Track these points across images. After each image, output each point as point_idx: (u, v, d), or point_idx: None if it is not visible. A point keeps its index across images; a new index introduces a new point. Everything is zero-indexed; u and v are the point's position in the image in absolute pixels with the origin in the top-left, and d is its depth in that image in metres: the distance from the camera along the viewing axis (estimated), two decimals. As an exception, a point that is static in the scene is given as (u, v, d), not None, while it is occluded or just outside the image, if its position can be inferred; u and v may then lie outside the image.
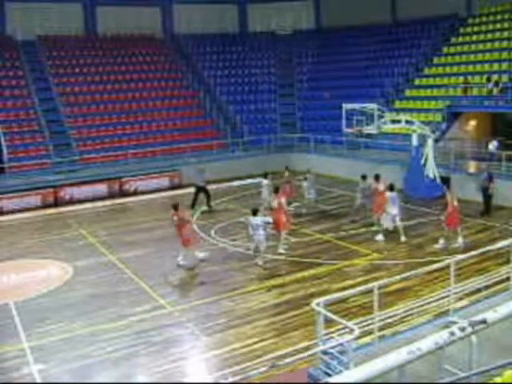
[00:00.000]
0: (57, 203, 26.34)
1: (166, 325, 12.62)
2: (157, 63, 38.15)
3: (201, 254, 16.67)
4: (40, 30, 37.03)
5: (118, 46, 38.04)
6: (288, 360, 7.80)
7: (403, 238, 17.92)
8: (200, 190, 24.15)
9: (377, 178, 19.51)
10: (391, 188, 18.30)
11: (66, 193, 26.95)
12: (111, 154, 30.25)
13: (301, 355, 8.18)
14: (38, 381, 10.45)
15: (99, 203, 26.36)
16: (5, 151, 28.75)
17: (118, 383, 10.27)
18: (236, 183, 28.90)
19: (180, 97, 36.03)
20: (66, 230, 21.66)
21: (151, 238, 19.86)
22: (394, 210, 18.09)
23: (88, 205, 26.11)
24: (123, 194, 27.81)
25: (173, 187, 28.80)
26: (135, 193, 28.05)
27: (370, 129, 24.45)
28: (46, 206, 26.06)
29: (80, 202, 26.47)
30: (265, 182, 22.05)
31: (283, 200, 17.82)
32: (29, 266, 17.58)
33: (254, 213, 16.11)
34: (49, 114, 32.21)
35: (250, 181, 28.43)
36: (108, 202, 26.54)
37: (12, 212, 24.93)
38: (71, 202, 26.58)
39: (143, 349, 11.51)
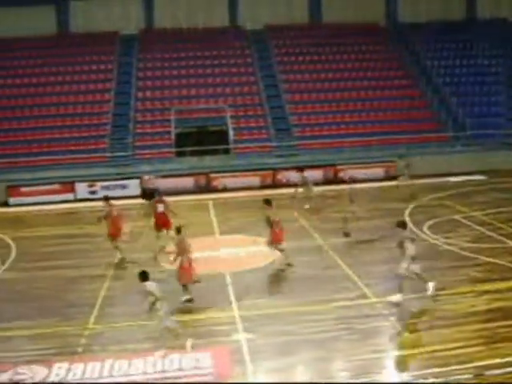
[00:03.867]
0: (274, 185, 27.69)
1: (369, 315, 12.63)
2: (379, 52, 37.63)
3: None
4: (268, 20, 38.85)
5: (340, 35, 38.29)
6: (496, 372, 7.33)
7: None
8: None
9: None
10: None
11: (284, 176, 28.19)
12: (328, 140, 30.85)
13: (510, 369, 7.62)
14: (245, 348, 11.19)
15: (315, 188, 26.97)
16: (231, 133, 30.97)
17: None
18: (453, 179, 27.55)
19: (400, 87, 35.27)
20: (280, 211, 22.59)
21: (361, 226, 19.84)
22: None
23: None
24: (338, 180, 28.22)
25: (387, 178, 28.47)
26: (348, 181, 28.22)
27: None
28: (264, 186, 27.56)
29: (297, 185, 27.40)
30: None
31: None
32: (243, 241, 18.82)
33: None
34: (272, 101, 33.86)
35: (467, 177, 26.95)
36: (323, 188, 27.09)
37: (234, 190, 26.79)
38: (287, 184, 27.70)
39: (344, 335, 11.68)
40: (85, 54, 35.89)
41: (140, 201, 23.45)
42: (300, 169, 24.50)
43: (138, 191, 27.25)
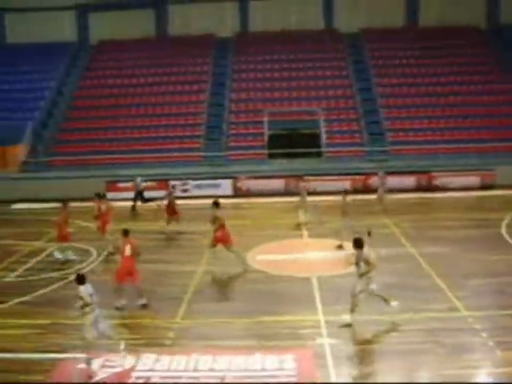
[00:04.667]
0: (366, 190, 27.31)
1: (458, 328, 12.18)
2: (478, 56, 36.08)
3: None
4: (363, 23, 38.35)
5: (437, 38, 37.04)
6: None
7: None
8: None
9: None
10: None
11: (375, 181, 27.71)
12: (422, 146, 30.08)
13: None
14: (328, 352, 11.11)
15: (407, 195, 26.47)
16: (323, 136, 30.87)
17: None
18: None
19: (500, 92, 33.57)
20: (370, 217, 22.33)
21: (454, 236, 19.24)
22: None
23: (395, 195, 26.41)
24: (431, 188, 27.46)
25: (484, 187, 27.36)
26: (443, 188, 27.44)
27: None
28: (355, 191, 27.22)
29: (388, 191, 26.87)
30: None
31: None
32: (332, 245, 18.68)
33: None
34: (366, 104, 33.44)
35: None
36: (415, 195, 26.50)
37: (324, 193, 26.65)
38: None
39: (431, 348, 11.31)
40: (182, 56, 37.07)
41: (232, 200, 23.87)
42: (300, 177, 23.91)
43: (229, 191, 27.77)
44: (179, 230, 21.17)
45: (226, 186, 28.19)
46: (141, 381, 10.36)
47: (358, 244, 12.53)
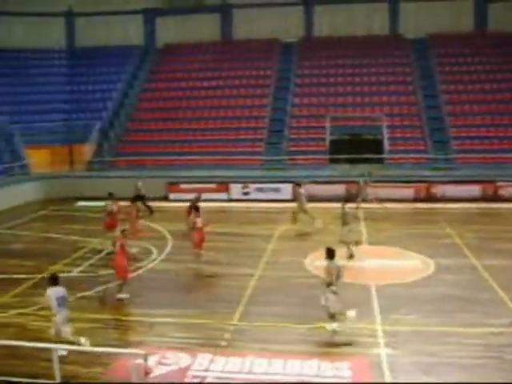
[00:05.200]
0: (428, 198, 26.77)
1: (523, 345, 11.74)
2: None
3: None
4: (430, 28, 37.56)
5: (506, 44, 35.73)
6: None
7: None
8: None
9: None
10: None
11: (439, 189, 27.16)
12: (488, 155, 29.20)
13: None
14: (385, 363, 10.92)
15: (471, 204, 25.80)
16: (386, 143, 30.42)
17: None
18: None
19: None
20: (432, 226, 21.87)
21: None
22: None
23: (459, 204, 25.78)
24: (496, 198, 26.63)
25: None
26: (509, 199, 26.54)
27: None
28: (417, 199, 26.76)
29: (451, 200, 26.29)
30: None
31: None
32: (391, 253, 18.39)
33: None
34: (431, 111, 32.77)
35: None
36: (480, 205, 25.76)
37: (385, 200, 26.27)
38: (442, 199, 26.66)
39: (493, 363, 10.91)
40: (246, 60, 37.34)
41: (291, 205, 23.83)
42: (297, 184, 23.23)
43: (289, 195, 27.78)
44: (239, 231, 21.32)
45: (286, 191, 28.16)
46: (196, 380, 10.46)
47: (330, 254, 12.32)
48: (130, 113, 36.09)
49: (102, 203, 21.40)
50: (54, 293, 11.20)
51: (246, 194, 27.59)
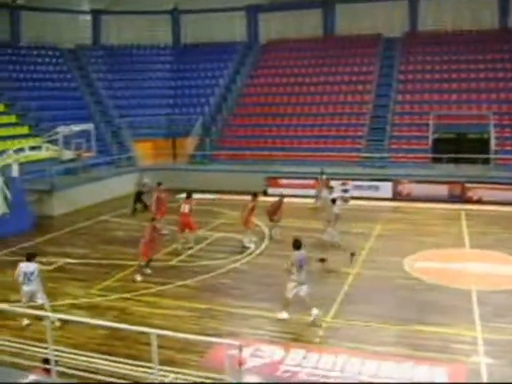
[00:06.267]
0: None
1: None
2: None
3: None
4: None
5: None
6: None
7: None
8: None
9: None
10: None
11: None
12: None
13: None
14: (485, 373, 10.49)
15: None
16: (493, 142, 29.06)
17: None
18: None
19: None
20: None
21: None
22: None
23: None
24: None
25: None
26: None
27: None
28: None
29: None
30: None
31: None
32: (495, 258, 17.58)
33: None
34: (544, 109, 30.93)
35: None
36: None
37: (489, 203, 25.17)
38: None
39: None
40: (348, 56, 36.95)
41: (391, 203, 23.31)
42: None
43: (389, 194, 27.24)
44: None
45: (385, 189, 27.61)
46: (287, 375, 10.55)
47: (295, 244, 12.98)
48: (231, 108, 36.75)
49: (203, 196, 21.97)
50: (24, 267, 12.68)
51: (345, 191, 27.25)
